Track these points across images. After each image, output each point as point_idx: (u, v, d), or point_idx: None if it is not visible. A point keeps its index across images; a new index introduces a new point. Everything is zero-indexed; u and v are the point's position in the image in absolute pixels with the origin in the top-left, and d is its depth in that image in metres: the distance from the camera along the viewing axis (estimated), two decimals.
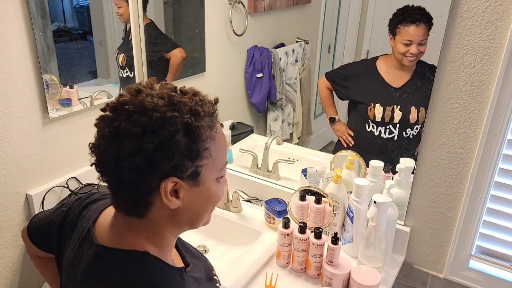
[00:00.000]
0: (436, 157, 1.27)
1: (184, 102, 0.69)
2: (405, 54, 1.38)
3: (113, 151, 0.68)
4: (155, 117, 0.66)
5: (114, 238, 0.76)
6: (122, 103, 0.68)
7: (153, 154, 0.66)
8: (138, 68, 1.71)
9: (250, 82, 1.91)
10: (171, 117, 0.66)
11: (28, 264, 1.52)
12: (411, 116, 1.43)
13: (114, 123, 0.67)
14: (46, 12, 1.34)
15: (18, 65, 1.30)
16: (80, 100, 1.52)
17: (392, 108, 1.46)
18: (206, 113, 0.71)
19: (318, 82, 1.73)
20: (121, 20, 1.59)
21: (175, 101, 0.68)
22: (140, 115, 0.66)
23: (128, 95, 0.70)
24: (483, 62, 1.12)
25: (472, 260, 1.32)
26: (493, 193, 1.24)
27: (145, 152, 0.65)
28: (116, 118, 0.68)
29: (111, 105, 0.70)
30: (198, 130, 0.68)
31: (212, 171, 0.74)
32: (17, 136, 1.35)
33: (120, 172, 0.67)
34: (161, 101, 0.67)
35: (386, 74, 1.47)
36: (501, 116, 1.14)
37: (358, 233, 1.30)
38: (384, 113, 1.48)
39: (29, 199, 1.42)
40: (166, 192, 0.69)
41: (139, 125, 0.66)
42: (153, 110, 0.66)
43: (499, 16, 1.07)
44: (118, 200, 0.74)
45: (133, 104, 0.67)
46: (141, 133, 0.65)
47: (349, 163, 1.41)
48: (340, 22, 1.79)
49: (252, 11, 1.84)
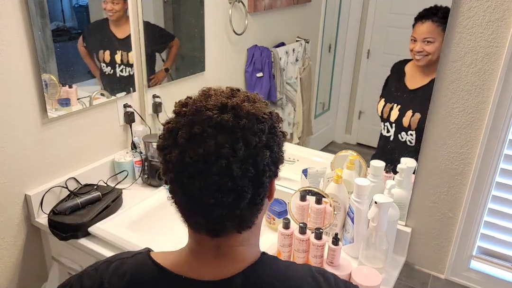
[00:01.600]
0: (437, 157, 1.26)
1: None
2: (412, 51, 1.38)
3: (247, 165, 0.64)
4: (270, 124, 0.68)
5: (234, 265, 0.70)
6: (237, 117, 0.64)
7: (278, 155, 0.69)
8: (137, 66, 1.71)
9: (250, 82, 1.90)
10: (278, 118, 0.71)
11: (28, 264, 1.52)
12: (404, 118, 1.43)
13: (238, 139, 0.63)
14: (45, 12, 1.34)
15: (17, 65, 1.30)
16: (79, 100, 1.51)
17: (392, 106, 1.46)
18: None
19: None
20: (113, 17, 1.57)
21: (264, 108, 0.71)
22: (258, 124, 0.65)
23: (219, 110, 0.65)
24: (484, 61, 1.12)
25: (473, 261, 1.32)
26: (495, 193, 1.23)
27: (274, 156, 0.68)
28: (236, 133, 0.63)
29: (223, 123, 0.63)
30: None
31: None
32: (16, 136, 1.35)
33: (242, 187, 0.64)
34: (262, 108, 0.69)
35: (408, 74, 1.47)
36: (502, 116, 1.13)
37: (359, 233, 1.30)
38: (383, 109, 1.48)
39: (28, 199, 1.42)
40: (272, 191, 0.72)
41: (263, 134, 0.66)
42: (264, 120, 0.67)
43: (500, 15, 1.07)
44: (225, 223, 0.67)
45: (246, 118, 0.65)
46: (266, 139, 0.66)
47: (350, 163, 1.41)
48: (340, 21, 1.78)
49: (252, 10, 1.83)
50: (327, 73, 1.89)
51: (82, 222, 1.36)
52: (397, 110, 1.46)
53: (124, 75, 1.66)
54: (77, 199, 1.42)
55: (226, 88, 0.71)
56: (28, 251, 1.50)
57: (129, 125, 1.73)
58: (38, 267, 1.55)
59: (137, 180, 1.69)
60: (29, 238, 1.48)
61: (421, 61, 1.38)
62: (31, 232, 1.49)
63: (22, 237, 1.46)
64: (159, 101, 1.79)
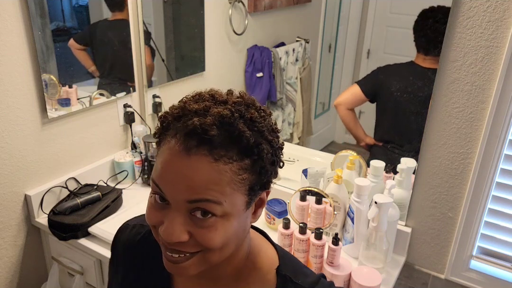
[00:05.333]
0: (437, 157, 1.26)
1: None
2: None
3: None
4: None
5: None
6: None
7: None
8: (137, 66, 1.71)
9: (250, 82, 1.90)
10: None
11: (28, 264, 1.51)
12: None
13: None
14: (45, 12, 1.34)
15: (17, 65, 1.30)
16: (79, 100, 1.51)
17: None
18: None
19: None
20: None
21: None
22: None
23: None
24: (484, 61, 1.12)
25: (473, 261, 1.32)
26: (495, 193, 1.23)
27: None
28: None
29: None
30: None
31: None
32: (16, 136, 1.35)
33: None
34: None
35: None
36: (502, 116, 1.13)
37: (359, 233, 1.30)
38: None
39: (28, 199, 1.42)
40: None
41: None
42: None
43: (500, 15, 1.07)
44: None
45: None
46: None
47: (350, 163, 1.41)
48: (340, 21, 1.78)
49: (252, 10, 1.83)
50: (327, 73, 1.89)
51: (82, 222, 1.36)
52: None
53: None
54: (77, 199, 1.42)
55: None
56: (28, 251, 1.49)
57: (129, 125, 1.73)
58: (38, 267, 1.55)
59: (137, 180, 1.69)
60: (29, 238, 1.48)
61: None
62: (31, 232, 1.48)
63: (22, 237, 1.46)
64: (159, 101, 1.79)
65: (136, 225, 0.80)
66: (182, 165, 0.55)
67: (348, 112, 1.59)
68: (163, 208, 0.58)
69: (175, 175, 0.55)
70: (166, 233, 0.56)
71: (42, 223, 1.43)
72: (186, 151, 0.55)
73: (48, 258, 1.55)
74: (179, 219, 0.56)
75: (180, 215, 0.57)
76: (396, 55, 1.55)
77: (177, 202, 0.56)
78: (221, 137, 0.55)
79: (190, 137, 0.55)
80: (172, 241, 0.56)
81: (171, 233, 0.56)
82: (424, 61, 1.33)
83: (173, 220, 0.56)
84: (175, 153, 0.55)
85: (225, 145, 0.55)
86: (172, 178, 0.56)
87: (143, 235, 0.77)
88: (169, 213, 0.57)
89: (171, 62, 1.83)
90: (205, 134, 0.54)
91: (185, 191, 0.55)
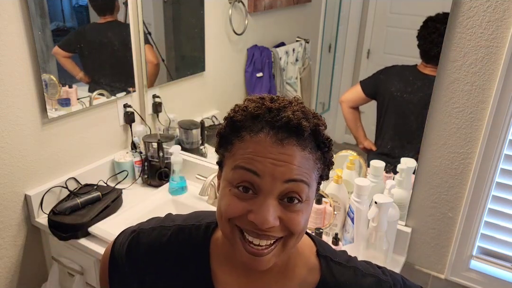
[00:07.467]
0: (437, 157, 1.26)
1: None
2: None
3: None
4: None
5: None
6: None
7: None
8: (137, 66, 1.71)
9: (250, 82, 1.90)
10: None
11: (28, 264, 1.52)
12: None
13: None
14: (45, 12, 1.34)
15: (17, 65, 1.30)
16: (79, 100, 1.51)
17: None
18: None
19: None
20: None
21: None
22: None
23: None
24: (484, 61, 1.12)
25: (473, 261, 1.32)
26: (495, 193, 1.23)
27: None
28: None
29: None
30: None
31: (227, 168, 0.66)
32: (16, 136, 1.35)
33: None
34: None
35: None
36: (502, 116, 1.13)
37: (359, 233, 1.30)
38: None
39: (28, 199, 1.42)
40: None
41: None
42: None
43: (500, 15, 1.07)
44: None
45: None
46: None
47: (350, 163, 1.41)
48: (340, 21, 1.78)
49: (252, 10, 1.83)
50: (327, 73, 1.89)
51: (82, 222, 1.36)
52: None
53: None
54: (77, 199, 1.42)
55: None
56: (28, 251, 1.49)
57: (129, 125, 1.73)
58: (38, 267, 1.55)
59: (137, 180, 1.69)
60: (29, 238, 1.48)
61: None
62: (31, 232, 1.48)
63: (22, 237, 1.46)
64: (159, 101, 1.79)
65: (155, 227, 0.78)
66: (278, 153, 0.60)
67: (351, 111, 1.59)
68: (248, 199, 0.61)
69: (273, 160, 0.60)
70: (261, 218, 0.59)
71: (42, 223, 1.43)
72: (280, 141, 0.60)
73: (48, 258, 1.55)
74: (272, 205, 0.60)
75: (271, 201, 0.60)
76: (396, 55, 1.55)
77: (272, 186, 0.60)
78: (308, 130, 0.61)
79: (282, 129, 0.61)
80: (268, 225, 0.60)
81: (266, 217, 0.59)
82: (425, 68, 1.34)
83: (266, 206, 0.60)
84: (269, 144, 0.60)
85: (308, 137, 0.62)
86: (270, 163, 0.60)
87: (170, 235, 0.76)
88: (258, 201, 0.61)
89: (171, 62, 1.83)
90: (299, 125, 0.60)
91: (283, 173, 0.60)
